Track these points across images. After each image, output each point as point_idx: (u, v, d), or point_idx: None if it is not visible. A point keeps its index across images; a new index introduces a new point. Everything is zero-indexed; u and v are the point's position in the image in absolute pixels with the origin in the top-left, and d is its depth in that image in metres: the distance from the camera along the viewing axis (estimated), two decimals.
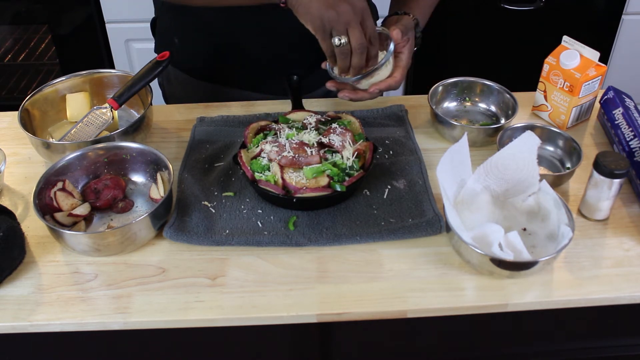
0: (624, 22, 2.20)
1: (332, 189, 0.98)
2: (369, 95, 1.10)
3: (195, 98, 1.31)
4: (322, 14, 0.97)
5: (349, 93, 1.10)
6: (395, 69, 1.10)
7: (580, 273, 0.93)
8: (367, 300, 0.90)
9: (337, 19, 0.96)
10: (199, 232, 0.98)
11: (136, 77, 1.15)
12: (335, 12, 0.96)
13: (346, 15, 0.96)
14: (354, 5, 0.96)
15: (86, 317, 0.88)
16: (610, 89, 1.19)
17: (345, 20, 0.96)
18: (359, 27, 0.97)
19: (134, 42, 2.22)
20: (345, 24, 0.97)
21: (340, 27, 0.97)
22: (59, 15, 2.17)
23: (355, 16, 0.97)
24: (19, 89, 2.46)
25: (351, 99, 1.10)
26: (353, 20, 0.97)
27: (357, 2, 0.97)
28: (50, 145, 1.10)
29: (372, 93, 1.09)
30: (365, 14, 0.98)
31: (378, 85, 1.08)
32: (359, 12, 0.97)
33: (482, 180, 1.00)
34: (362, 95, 1.10)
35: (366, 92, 1.10)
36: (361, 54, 1.00)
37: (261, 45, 1.09)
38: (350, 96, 1.10)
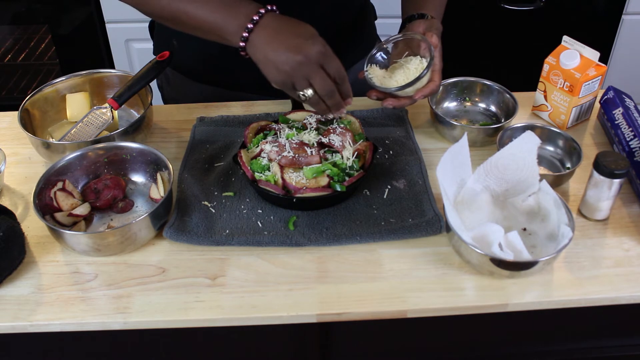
0: (624, 22, 2.20)
1: (332, 189, 0.98)
2: (411, 101, 1.10)
3: (194, 100, 1.31)
4: (279, 72, 0.93)
5: (392, 102, 1.09)
6: (433, 73, 1.10)
7: (580, 273, 0.93)
8: (367, 300, 0.90)
9: (294, 74, 0.92)
10: (199, 232, 0.98)
11: (136, 77, 1.15)
12: (291, 68, 0.92)
13: (303, 69, 0.92)
14: (307, 55, 0.91)
15: (86, 317, 0.88)
16: (610, 89, 1.19)
17: (302, 74, 0.92)
18: (320, 73, 0.93)
19: (134, 42, 2.22)
20: (304, 77, 0.93)
21: (301, 82, 0.93)
22: (59, 15, 2.17)
23: (312, 66, 0.92)
24: (19, 89, 2.46)
25: (395, 107, 1.10)
26: (311, 70, 0.92)
27: (312, 49, 0.91)
28: (50, 145, 1.10)
29: (416, 99, 1.09)
30: (324, 57, 0.93)
31: (422, 92, 1.08)
32: (315, 59, 0.92)
33: (482, 180, 1.00)
34: (405, 102, 1.10)
35: (409, 99, 1.10)
36: (332, 97, 0.96)
37: None
38: (395, 104, 1.10)
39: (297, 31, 0.94)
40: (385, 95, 1.11)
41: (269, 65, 0.94)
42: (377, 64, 1.15)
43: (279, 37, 0.93)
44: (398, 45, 1.15)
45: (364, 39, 1.19)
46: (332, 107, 0.98)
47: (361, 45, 1.16)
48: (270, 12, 0.96)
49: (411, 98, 1.10)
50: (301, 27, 0.95)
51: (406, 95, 1.10)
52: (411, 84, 1.07)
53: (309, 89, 0.94)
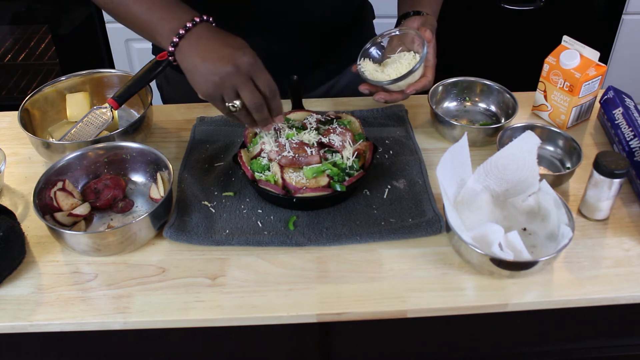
0: (624, 22, 2.20)
1: (332, 189, 0.98)
2: (403, 96, 1.10)
3: (194, 100, 1.30)
4: (206, 82, 0.91)
5: (384, 95, 1.10)
6: (426, 68, 1.10)
7: (580, 273, 0.93)
8: (367, 300, 0.90)
9: (222, 85, 0.91)
10: (199, 232, 0.98)
11: (136, 77, 1.15)
12: (220, 78, 0.90)
13: (232, 79, 0.90)
14: (237, 66, 0.89)
15: (86, 317, 0.88)
16: (610, 89, 1.19)
17: (231, 84, 0.91)
18: (248, 86, 0.91)
19: (134, 42, 2.22)
20: (232, 88, 0.91)
21: (229, 93, 0.92)
22: (59, 15, 2.17)
23: (241, 77, 0.90)
24: (19, 89, 2.46)
25: (386, 100, 1.10)
26: (240, 81, 0.90)
27: (242, 59, 0.90)
28: (50, 145, 1.10)
29: (407, 94, 1.09)
30: (254, 69, 0.91)
31: (414, 86, 1.08)
32: (245, 70, 0.90)
33: (482, 180, 1.00)
34: (397, 96, 1.10)
35: (400, 94, 1.10)
36: (259, 112, 0.94)
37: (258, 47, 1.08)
38: (386, 98, 1.10)
39: (228, 42, 0.92)
40: (377, 89, 1.11)
41: (197, 75, 0.92)
42: (370, 58, 1.16)
43: (209, 46, 0.91)
44: (392, 41, 1.15)
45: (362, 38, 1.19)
46: (260, 121, 0.96)
47: (359, 45, 1.16)
48: (205, 22, 0.94)
49: (403, 92, 1.10)
50: (232, 38, 0.93)
51: (398, 90, 1.10)
52: (402, 78, 1.07)
53: (237, 100, 0.93)
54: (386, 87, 1.10)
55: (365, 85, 1.12)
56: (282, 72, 1.21)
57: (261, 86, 0.93)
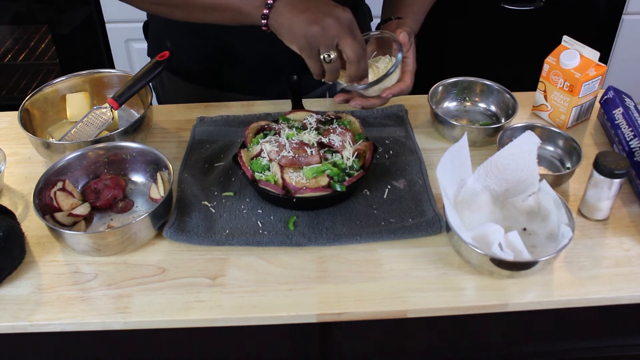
0: (624, 22, 2.20)
1: (332, 189, 0.98)
2: (381, 101, 1.09)
3: (188, 102, 1.31)
4: (307, 31, 0.92)
5: (360, 101, 1.08)
6: (404, 73, 1.09)
7: (580, 273, 0.93)
8: (367, 300, 0.90)
9: (323, 34, 0.91)
10: (199, 232, 0.98)
11: (136, 77, 1.15)
12: (320, 27, 0.91)
13: (333, 29, 0.91)
14: (339, 18, 0.92)
15: (86, 317, 0.88)
16: (610, 89, 1.19)
17: (332, 34, 0.92)
18: (350, 38, 0.93)
19: (134, 42, 2.22)
20: (332, 37, 0.92)
21: (328, 42, 0.92)
22: (59, 15, 2.17)
23: (343, 28, 0.92)
24: (19, 89, 2.46)
25: (363, 107, 1.09)
26: (342, 32, 0.92)
27: (343, 14, 0.92)
28: (50, 145, 1.10)
29: (385, 98, 1.08)
30: (353, 25, 0.93)
31: (391, 90, 1.07)
32: (346, 24, 0.92)
33: (482, 180, 1.00)
34: (374, 102, 1.09)
35: (377, 99, 1.08)
36: (359, 63, 0.95)
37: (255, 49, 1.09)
38: (363, 104, 1.08)
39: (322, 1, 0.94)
40: (352, 96, 1.09)
41: (297, 27, 0.92)
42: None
43: (306, 3, 0.93)
44: (369, 46, 1.13)
45: None
46: (356, 73, 0.97)
47: None
48: None
49: (380, 97, 1.08)
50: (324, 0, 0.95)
51: (374, 95, 1.08)
52: (377, 82, 1.05)
53: (334, 52, 0.94)
54: (362, 93, 1.08)
55: (341, 95, 1.09)
56: (281, 71, 1.22)
57: (357, 41, 0.94)
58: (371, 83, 1.05)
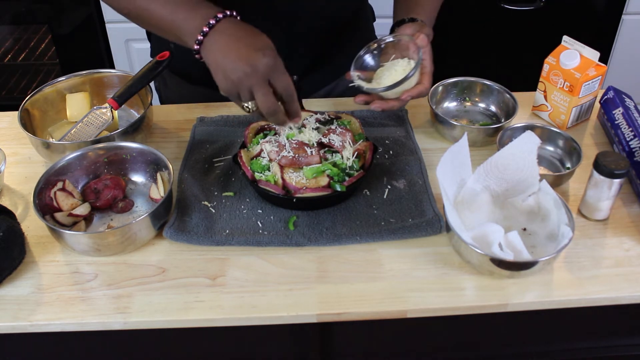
0: (624, 22, 2.20)
1: (332, 189, 0.98)
2: (400, 103, 1.09)
3: (191, 102, 1.31)
4: (225, 81, 0.92)
5: (380, 104, 1.08)
6: (422, 75, 1.09)
7: (580, 273, 0.93)
8: (367, 300, 0.90)
9: (239, 85, 0.91)
10: (199, 232, 0.98)
11: (136, 77, 1.15)
12: (237, 78, 0.90)
13: (247, 80, 0.90)
14: (254, 68, 0.89)
15: (86, 317, 0.88)
16: (610, 89, 1.19)
17: (247, 85, 0.91)
18: (262, 89, 0.91)
19: (134, 42, 2.22)
20: (247, 89, 0.91)
21: (245, 93, 0.92)
22: (59, 15, 2.17)
23: (257, 79, 0.90)
24: (19, 89, 2.46)
25: (383, 109, 1.09)
26: (255, 83, 0.90)
27: (261, 61, 0.89)
28: (50, 145, 1.10)
29: (404, 101, 1.09)
30: (272, 71, 0.91)
31: (410, 92, 1.07)
32: (262, 73, 0.90)
33: (482, 180, 1.00)
34: (393, 104, 1.09)
35: (397, 101, 1.09)
36: (273, 115, 0.95)
37: None
38: (382, 106, 1.09)
39: (251, 41, 0.92)
40: (372, 98, 1.10)
41: (218, 72, 0.93)
42: (364, 66, 1.14)
43: (231, 44, 0.92)
44: (386, 49, 1.14)
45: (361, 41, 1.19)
46: (275, 123, 0.98)
47: (359, 47, 1.15)
48: (229, 18, 0.94)
49: (399, 100, 1.09)
50: (257, 37, 0.93)
51: (394, 97, 1.09)
52: (397, 85, 1.06)
53: (251, 101, 0.94)
54: (382, 95, 1.09)
55: (361, 96, 1.10)
56: None
57: (278, 88, 0.93)
58: (391, 86, 1.06)
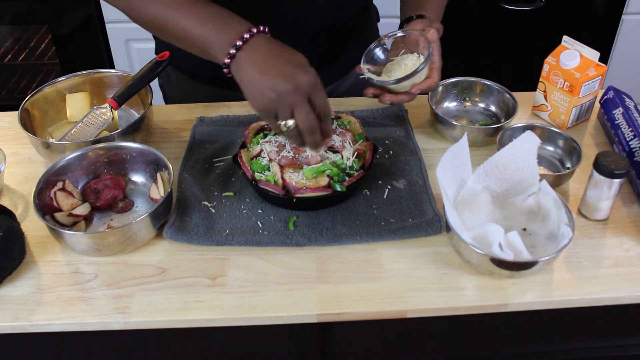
0: (624, 22, 2.20)
1: (332, 189, 0.98)
2: (409, 97, 1.10)
3: (196, 100, 1.30)
4: (263, 98, 0.88)
5: (389, 97, 1.09)
6: (432, 70, 1.10)
7: (580, 273, 0.93)
8: (367, 300, 0.90)
9: (279, 102, 0.87)
10: (199, 232, 0.98)
11: (136, 77, 1.15)
12: (277, 95, 0.87)
13: (288, 98, 0.87)
14: (297, 85, 0.86)
15: (86, 317, 0.88)
16: (610, 89, 1.19)
17: (288, 103, 0.87)
18: (305, 107, 0.88)
19: (134, 42, 2.22)
20: (289, 107, 0.88)
21: (284, 111, 0.88)
22: (59, 15, 2.17)
23: (300, 97, 0.87)
24: (19, 89, 2.46)
25: (392, 102, 1.10)
26: (297, 101, 0.87)
27: (302, 79, 0.87)
28: (50, 145, 1.10)
29: (413, 94, 1.09)
30: (313, 89, 0.88)
31: (419, 86, 1.08)
32: (304, 90, 0.87)
33: (482, 180, 1.00)
34: (402, 98, 1.09)
35: (406, 95, 1.09)
36: (312, 134, 0.91)
37: None
38: (392, 100, 1.09)
39: (289, 57, 0.89)
40: (382, 91, 1.11)
41: (254, 89, 0.89)
42: (374, 59, 1.15)
43: (268, 61, 0.88)
44: (396, 43, 1.15)
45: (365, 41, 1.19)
46: (310, 144, 0.94)
47: (362, 48, 1.16)
48: (262, 33, 0.91)
49: (409, 94, 1.09)
50: (293, 54, 0.90)
51: (403, 90, 1.10)
52: (407, 78, 1.06)
53: (292, 120, 0.89)
54: (391, 88, 1.10)
55: (371, 89, 1.11)
56: None
57: (317, 107, 0.90)
58: (401, 78, 1.06)
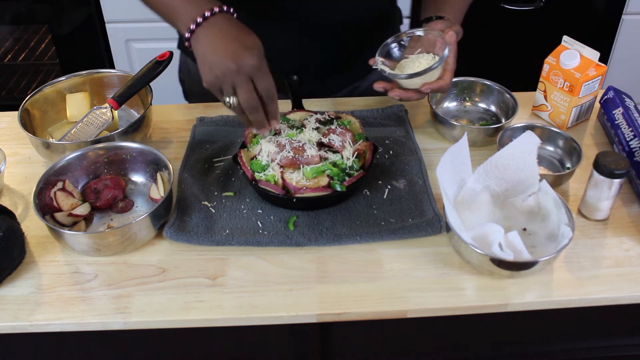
0: (624, 22, 2.20)
1: (332, 189, 0.98)
2: (418, 95, 1.10)
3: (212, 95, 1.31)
4: (209, 73, 0.94)
5: (399, 92, 1.09)
6: (445, 72, 1.10)
7: (580, 273, 0.93)
8: (367, 300, 0.90)
9: (223, 79, 0.93)
10: (199, 232, 0.98)
11: (136, 77, 1.15)
12: (222, 73, 0.93)
13: (231, 76, 0.92)
14: (240, 65, 0.91)
15: (86, 317, 0.88)
16: (610, 89, 1.19)
17: (230, 81, 0.93)
18: (245, 87, 0.93)
19: (134, 42, 2.22)
20: (230, 85, 0.93)
21: (227, 89, 0.94)
22: (59, 15, 2.17)
23: (241, 76, 0.92)
24: (19, 89, 2.46)
25: (401, 98, 1.10)
26: (239, 80, 0.93)
27: (247, 61, 0.91)
28: (50, 145, 1.10)
29: (422, 93, 1.09)
30: (256, 71, 0.93)
31: (430, 85, 1.08)
32: (245, 71, 0.92)
33: (482, 180, 1.00)
34: (411, 95, 1.10)
35: (415, 92, 1.10)
36: (252, 113, 0.96)
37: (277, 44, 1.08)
38: (401, 95, 1.10)
39: (241, 39, 0.94)
40: (392, 86, 1.11)
41: (204, 64, 0.95)
42: (390, 55, 1.15)
43: (221, 39, 0.94)
44: (413, 41, 1.15)
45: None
46: (254, 123, 0.98)
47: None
48: (225, 13, 0.96)
49: (418, 92, 1.09)
50: (247, 36, 0.94)
51: (413, 87, 1.09)
52: (420, 74, 1.06)
53: (234, 97, 0.95)
54: (402, 83, 1.10)
55: (381, 83, 1.11)
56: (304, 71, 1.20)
57: (260, 89, 0.94)
58: (413, 74, 1.06)
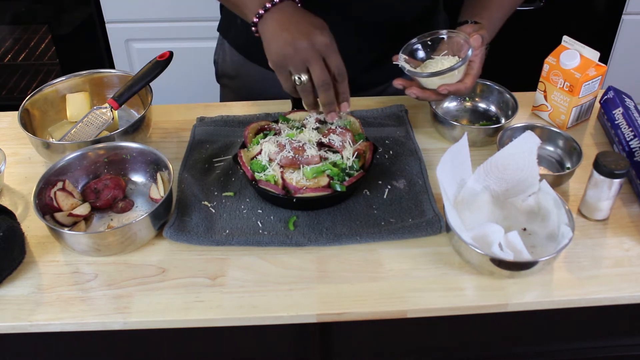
0: (624, 22, 2.20)
1: (332, 189, 0.98)
2: (436, 96, 1.09)
3: (246, 80, 1.32)
4: (279, 51, 0.94)
5: (417, 91, 1.09)
6: (467, 75, 1.09)
7: (580, 273, 0.93)
8: (367, 300, 0.90)
9: (294, 57, 0.93)
10: (199, 232, 0.98)
11: (136, 77, 1.15)
12: (294, 50, 0.93)
13: (304, 53, 0.93)
14: (313, 42, 0.92)
15: (86, 317, 0.88)
16: (610, 89, 1.19)
17: (302, 57, 0.93)
18: (319, 63, 0.93)
19: (134, 42, 2.22)
20: (303, 61, 0.94)
21: (298, 65, 0.94)
22: (59, 15, 2.17)
23: (314, 53, 0.93)
24: (19, 89, 2.46)
25: (418, 97, 1.10)
26: (312, 57, 0.93)
27: (319, 39, 0.93)
28: (50, 145, 1.10)
29: (440, 94, 1.09)
30: (328, 49, 0.94)
31: (448, 87, 1.07)
32: (319, 48, 0.93)
33: (482, 180, 1.00)
34: (429, 94, 1.09)
35: (433, 93, 1.09)
36: (326, 91, 0.96)
37: None
38: (418, 94, 1.09)
39: (310, 19, 0.95)
40: (411, 84, 1.10)
41: (273, 43, 0.95)
42: (413, 54, 1.15)
43: (290, 21, 0.95)
44: (440, 44, 1.14)
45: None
46: (324, 102, 0.97)
47: None
48: (290, 1, 0.98)
49: (436, 93, 1.09)
50: (314, 17, 0.96)
51: (432, 88, 1.09)
52: (439, 74, 1.05)
53: (305, 74, 0.95)
54: (421, 82, 1.09)
55: (401, 80, 1.11)
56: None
57: (332, 67, 0.95)
58: (434, 73, 1.06)
